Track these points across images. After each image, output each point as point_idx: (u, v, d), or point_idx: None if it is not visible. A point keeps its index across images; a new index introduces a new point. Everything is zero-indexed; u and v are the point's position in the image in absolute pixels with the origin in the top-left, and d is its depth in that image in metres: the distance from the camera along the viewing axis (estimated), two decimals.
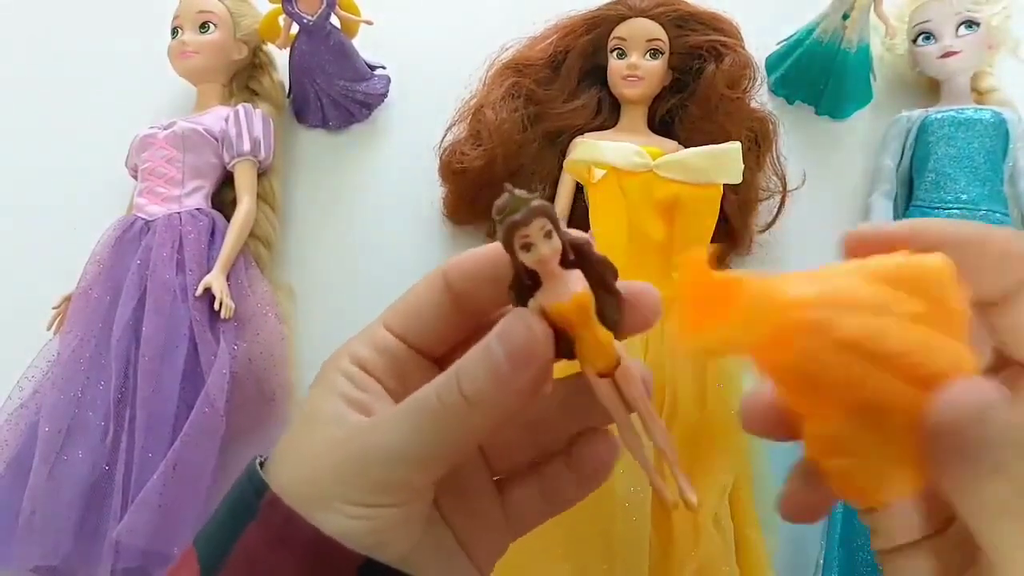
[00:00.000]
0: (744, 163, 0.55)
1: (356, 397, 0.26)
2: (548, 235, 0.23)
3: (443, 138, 0.65)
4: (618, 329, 0.24)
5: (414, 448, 0.25)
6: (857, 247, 0.25)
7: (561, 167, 0.62)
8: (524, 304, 0.24)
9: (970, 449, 0.21)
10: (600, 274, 0.24)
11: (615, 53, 0.62)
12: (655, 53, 0.61)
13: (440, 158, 0.65)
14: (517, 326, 0.24)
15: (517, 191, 0.23)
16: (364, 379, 0.27)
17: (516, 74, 0.63)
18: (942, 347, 0.21)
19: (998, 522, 0.21)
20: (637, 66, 0.61)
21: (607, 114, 0.64)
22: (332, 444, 0.25)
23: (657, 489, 0.25)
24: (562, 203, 0.61)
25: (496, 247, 0.25)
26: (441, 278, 0.27)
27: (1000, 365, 0.24)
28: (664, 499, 0.25)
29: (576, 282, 0.24)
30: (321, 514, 0.24)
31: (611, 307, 0.24)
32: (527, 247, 0.23)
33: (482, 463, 0.29)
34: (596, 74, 0.64)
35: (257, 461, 0.27)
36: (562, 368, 0.26)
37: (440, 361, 0.28)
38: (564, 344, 0.24)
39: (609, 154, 0.53)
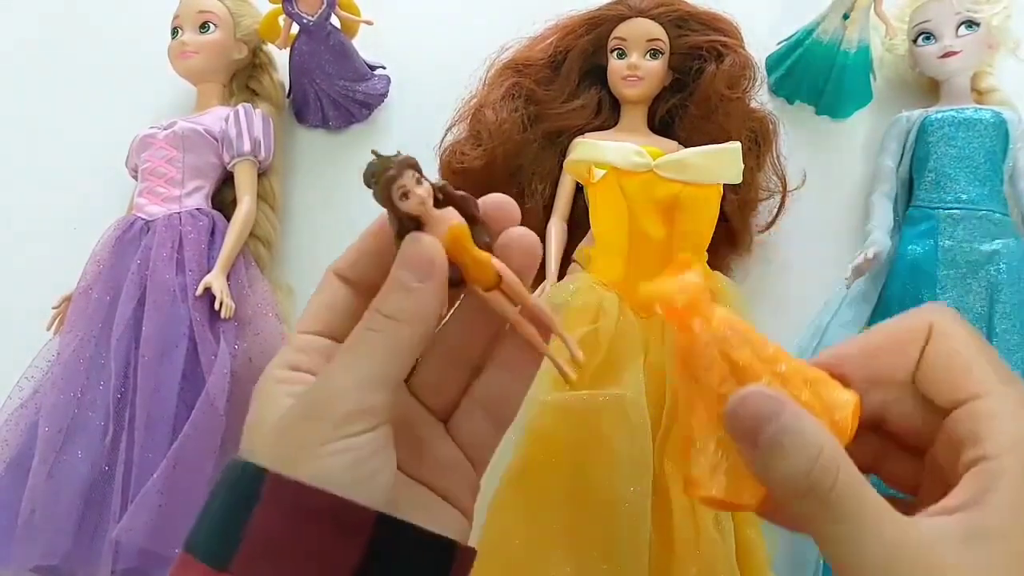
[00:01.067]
0: (744, 163, 0.55)
1: (296, 390, 0.29)
2: (419, 181, 0.29)
3: (443, 138, 0.65)
4: (491, 248, 0.29)
5: (358, 372, 0.27)
6: None
7: (561, 167, 0.62)
8: None
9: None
10: (466, 208, 0.29)
11: (615, 53, 0.62)
12: (655, 53, 0.61)
13: (440, 158, 0.65)
14: (407, 246, 0.28)
15: (381, 154, 0.29)
16: (298, 376, 0.29)
17: (516, 74, 0.63)
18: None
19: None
20: (637, 66, 0.61)
21: (607, 114, 0.64)
22: (289, 414, 0.28)
23: (556, 366, 0.29)
24: (562, 203, 0.61)
25: (366, 235, 0.31)
26: (332, 275, 0.31)
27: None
28: (565, 374, 0.29)
29: (451, 217, 0.29)
30: (304, 464, 0.26)
31: (481, 233, 0.29)
32: (406, 195, 0.28)
33: (425, 413, 0.31)
34: (596, 74, 0.64)
35: (236, 460, 0.28)
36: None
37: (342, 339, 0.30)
38: (453, 273, 0.28)
39: (609, 154, 0.53)
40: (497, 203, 0.30)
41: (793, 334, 0.61)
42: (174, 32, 0.70)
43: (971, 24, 0.64)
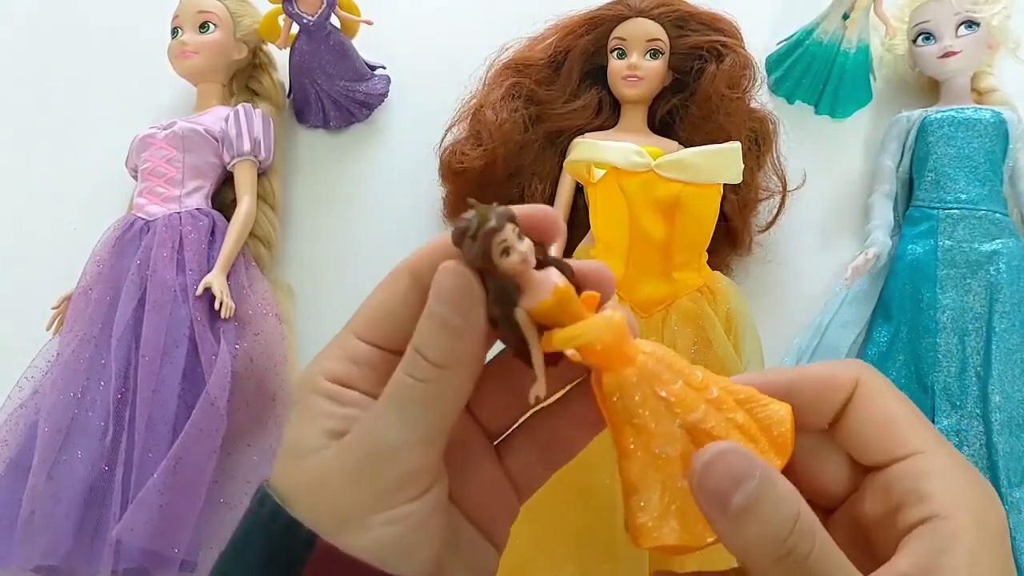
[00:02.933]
0: (744, 163, 0.55)
1: (341, 414, 0.26)
2: (520, 236, 0.24)
3: (443, 138, 0.65)
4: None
5: (408, 430, 0.25)
6: None
7: (561, 167, 0.62)
8: (509, 320, 0.25)
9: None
10: (563, 270, 0.25)
11: (615, 53, 0.62)
12: (655, 53, 0.61)
13: (440, 158, 0.65)
14: (443, 278, 0.25)
15: (478, 205, 0.25)
16: (345, 394, 0.26)
17: (516, 74, 0.63)
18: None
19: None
20: (637, 66, 0.61)
21: (607, 114, 0.64)
22: (333, 464, 0.25)
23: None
24: (562, 203, 0.61)
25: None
26: (407, 275, 0.27)
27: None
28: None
29: (554, 279, 0.25)
30: (355, 535, 0.24)
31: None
32: (507, 251, 0.24)
33: (478, 432, 0.29)
34: (596, 74, 0.64)
35: (279, 507, 0.25)
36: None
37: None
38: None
39: (609, 154, 0.53)
40: (597, 271, 0.27)
41: (793, 334, 0.61)
42: (174, 32, 0.70)
43: (971, 24, 0.64)
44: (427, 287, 0.26)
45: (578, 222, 0.61)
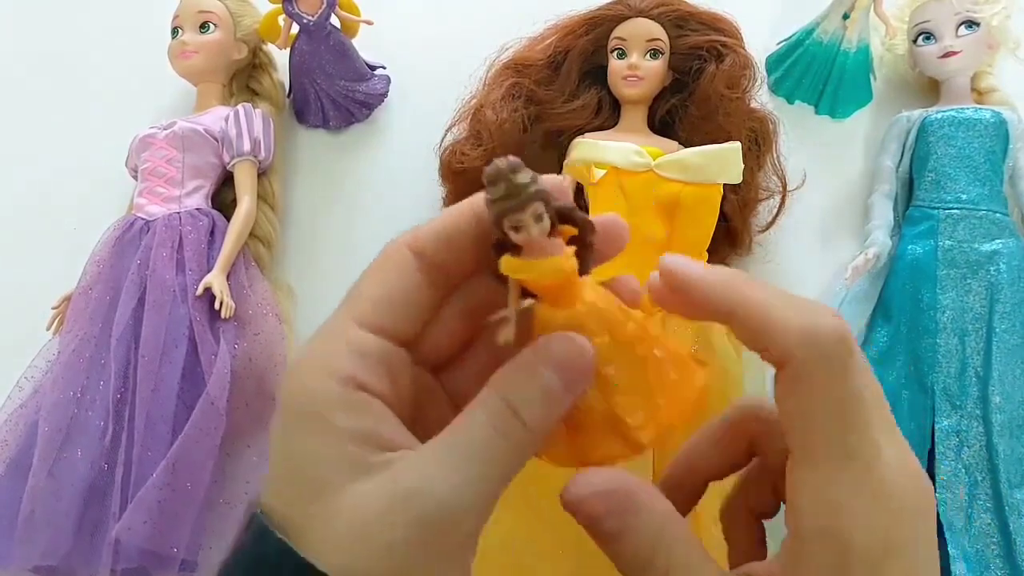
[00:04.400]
0: (744, 163, 0.55)
1: (365, 432, 0.22)
2: (539, 218, 0.24)
3: (443, 138, 0.65)
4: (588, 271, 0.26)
5: (485, 488, 0.22)
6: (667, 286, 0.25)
7: (561, 167, 0.62)
8: (498, 254, 0.24)
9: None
10: (584, 234, 0.25)
11: (615, 53, 0.62)
12: (655, 53, 0.61)
13: (440, 158, 0.65)
14: (559, 345, 0.23)
15: (518, 173, 0.24)
16: (366, 404, 0.23)
17: (516, 74, 0.63)
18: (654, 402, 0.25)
19: None
20: (637, 66, 0.61)
21: (607, 114, 0.64)
22: (381, 516, 0.21)
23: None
24: None
25: (461, 206, 0.25)
26: (411, 255, 0.24)
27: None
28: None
29: (556, 251, 0.24)
30: None
31: (588, 259, 0.25)
32: (517, 228, 0.24)
33: (426, 375, 0.26)
34: (596, 74, 0.64)
35: (287, 545, 0.21)
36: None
37: (409, 345, 0.24)
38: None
39: (609, 154, 0.53)
40: (611, 224, 0.26)
41: None
42: (174, 32, 0.70)
43: (971, 24, 0.64)
44: (435, 268, 0.24)
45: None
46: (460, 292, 0.26)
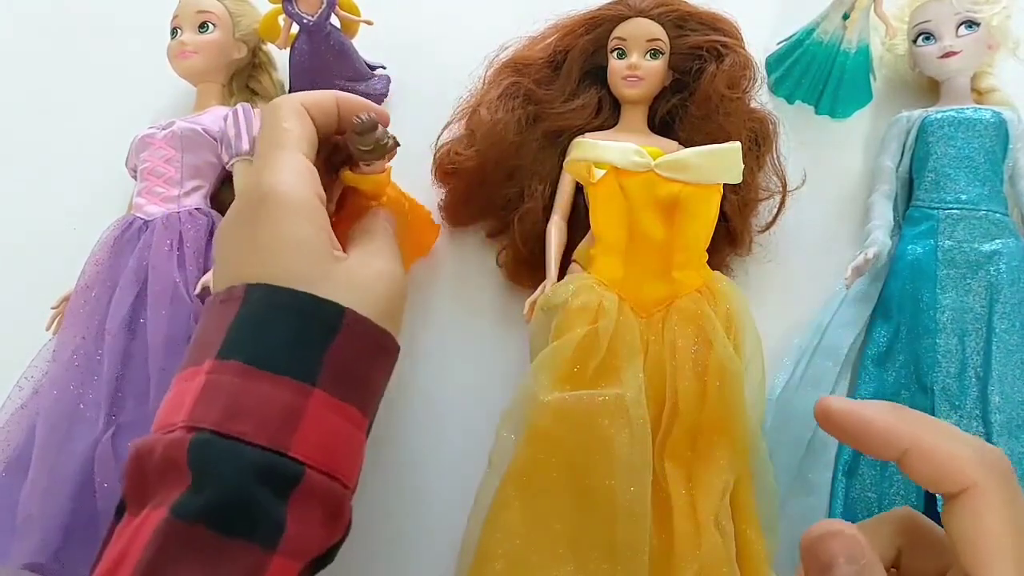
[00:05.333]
0: (744, 163, 0.54)
1: (328, 229, 0.42)
2: (382, 159, 0.49)
3: (439, 136, 0.65)
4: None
5: (402, 271, 0.45)
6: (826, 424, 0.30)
7: (561, 167, 0.62)
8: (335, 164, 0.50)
9: None
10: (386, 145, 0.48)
11: (615, 53, 0.62)
12: (655, 53, 0.61)
13: (434, 157, 0.65)
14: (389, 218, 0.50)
15: (381, 132, 0.47)
16: (324, 210, 0.42)
17: (515, 73, 0.63)
18: None
19: None
20: (637, 66, 0.61)
21: (607, 114, 0.64)
22: (364, 277, 0.40)
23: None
24: (562, 202, 0.61)
25: (327, 95, 0.47)
26: (303, 108, 0.45)
27: None
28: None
29: (381, 168, 0.50)
30: (394, 326, 0.41)
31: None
32: (368, 163, 0.49)
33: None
34: (596, 74, 0.64)
35: (294, 292, 0.38)
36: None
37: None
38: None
39: (609, 153, 0.53)
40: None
41: (793, 334, 0.61)
42: (173, 32, 0.70)
43: (971, 24, 0.64)
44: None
45: (578, 223, 0.61)
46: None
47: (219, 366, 0.35)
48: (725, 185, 0.54)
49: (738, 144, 0.52)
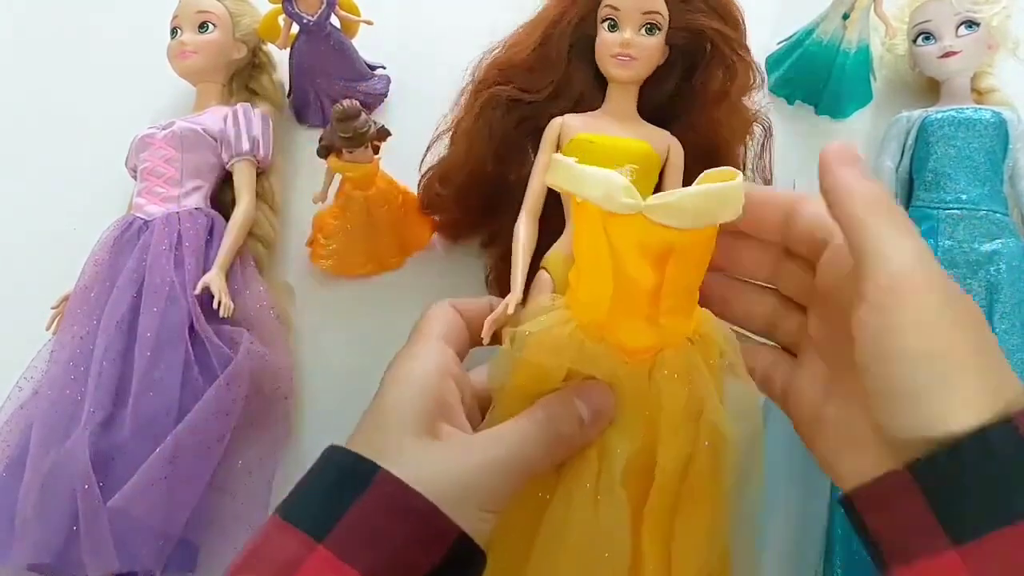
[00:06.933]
0: (741, 165, 0.54)
1: (444, 399, 0.39)
2: (366, 147, 0.54)
3: (422, 160, 0.63)
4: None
5: (530, 462, 0.38)
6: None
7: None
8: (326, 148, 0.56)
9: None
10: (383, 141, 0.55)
11: (606, 24, 0.53)
12: (652, 28, 0.52)
13: (418, 185, 0.63)
14: (597, 389, 0.41)
15: (362, 120, 0.53)
16: (447, 382, 0.40)
17: (498, 78, 0.57)
18: None
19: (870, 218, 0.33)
20: (630, 43, 0.52)
21: (594, 95, 0.57)
22: (458, 466, 0.36)
23: None
24: (532, 198, 0.53)
25: (482, 305, 0.47)
26: (452, 308, 0.46)
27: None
28: None
29: (369, 157, 0.55)
30: (460, 513, 0.34)
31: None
32: (351, 151, 0.55)
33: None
34: (587, 47, 0.56)
35: (343, 449, 0.37)
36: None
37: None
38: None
39: (591, 188, 0.41)
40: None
41: None
42: (173, 32, 0.70)
43: (971, 24, 0.64)
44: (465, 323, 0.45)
45: (550, 211, 0.54)
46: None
47: (269, 518, 0.36)
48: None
49: (740, 179, 0.40)
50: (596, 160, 0.45)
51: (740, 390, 0.45)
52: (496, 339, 0.46)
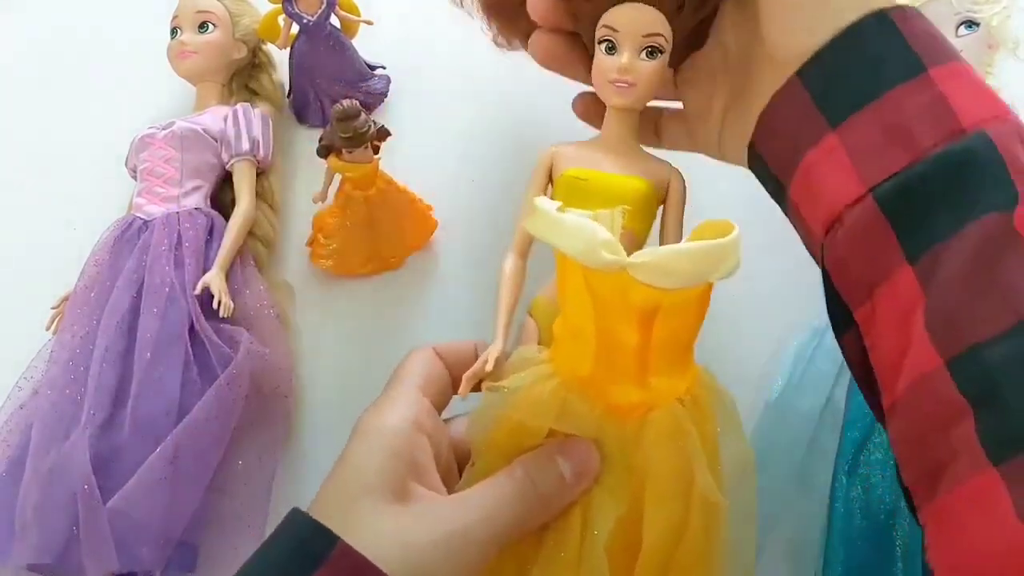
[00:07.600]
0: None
1: (414, 458, 0.37)
2: (365, 147, 0.56)
3: None
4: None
5: (493, 536, 0.35)
6: None
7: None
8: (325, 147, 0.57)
9: None
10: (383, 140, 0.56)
11: (603, 45, 0.48)
12: (653, 52, 0.47)
13: None
14: (580, 444, 0.39)
15: (361, 120, 0.54)
16: (419, 438, 0.38)
17: None
18: None
19: None
20: (628, 69, 0.47)
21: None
22: (420, 540, 0.33)
23: None
24: (521, 237, 0.49)
25: (468, 349, 0.44)
26: (434, 353, 0.44)
27: None
28: None
29: (369, 157, 0.57)
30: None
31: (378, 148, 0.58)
32: (350, 151, 0.56)
33: None
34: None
35: (305, 514, 0.34)
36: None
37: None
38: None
39: (570, 241, 0.37)
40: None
41: (792, 335, 0.61)
42: (173, 32, 0.70)
43: (971, 24, 0.64)
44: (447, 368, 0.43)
45: None
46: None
47: None
48: None
49: (737, 234, 0.37)
50: (587, 201, 0.42)
51: (736, 454, 0.42)
52: (478, 388, 0.42)
